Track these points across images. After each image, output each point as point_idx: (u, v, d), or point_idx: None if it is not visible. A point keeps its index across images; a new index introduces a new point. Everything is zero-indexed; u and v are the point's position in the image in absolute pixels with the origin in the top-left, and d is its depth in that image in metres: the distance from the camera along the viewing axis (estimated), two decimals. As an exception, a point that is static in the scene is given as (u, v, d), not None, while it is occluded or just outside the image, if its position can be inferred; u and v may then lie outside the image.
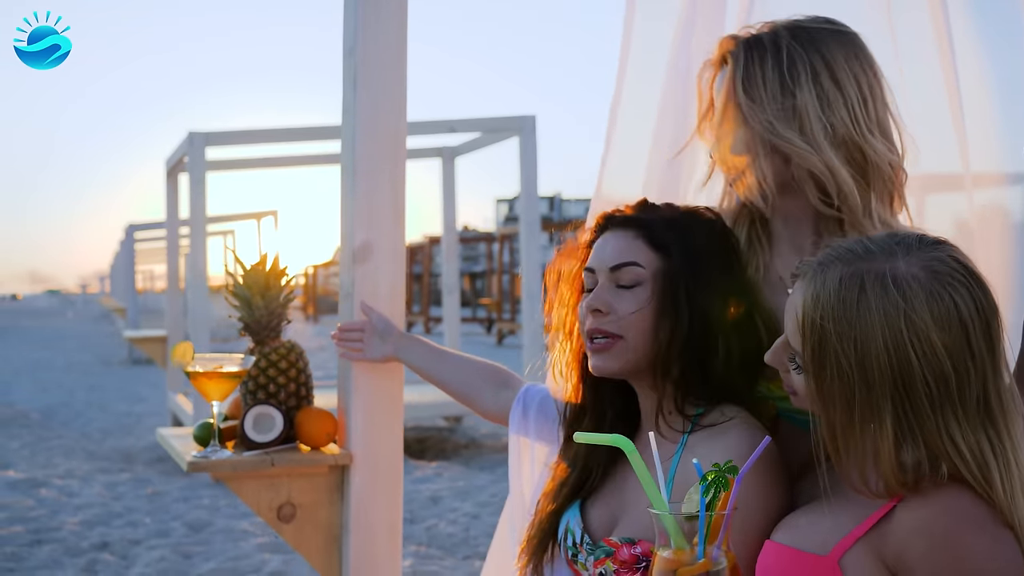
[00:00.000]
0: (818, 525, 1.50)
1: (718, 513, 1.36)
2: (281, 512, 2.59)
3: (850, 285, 1.40)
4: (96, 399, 13.12)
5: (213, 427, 2.53)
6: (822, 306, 1.42)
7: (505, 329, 23.72)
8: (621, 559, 1.75)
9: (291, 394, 2.60)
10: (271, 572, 5.33)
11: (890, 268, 1.40)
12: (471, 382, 2.39)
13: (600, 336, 1.81)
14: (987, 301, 1.41)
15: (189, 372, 2.49)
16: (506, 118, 8.32)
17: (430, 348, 2.46)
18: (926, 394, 1.37)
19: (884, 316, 1.37)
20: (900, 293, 1.38)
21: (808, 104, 1.78)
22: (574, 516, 1.90)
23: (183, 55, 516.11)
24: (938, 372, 1.37)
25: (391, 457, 2.61)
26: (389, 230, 2.58)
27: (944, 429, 1.37)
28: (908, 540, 1.38)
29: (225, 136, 8.02)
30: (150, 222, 18.77)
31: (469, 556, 5.73)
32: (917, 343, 1.36)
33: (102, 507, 6.82)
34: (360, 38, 2.54)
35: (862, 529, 1.43)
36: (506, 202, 55.16)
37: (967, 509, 1.37)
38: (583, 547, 1.84)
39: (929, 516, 1.38)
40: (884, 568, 1.40)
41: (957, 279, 1.40)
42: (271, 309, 2.61)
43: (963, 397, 1.38)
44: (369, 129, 2.56)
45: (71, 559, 5.65)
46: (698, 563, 1.35)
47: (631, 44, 2.45)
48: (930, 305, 1.37)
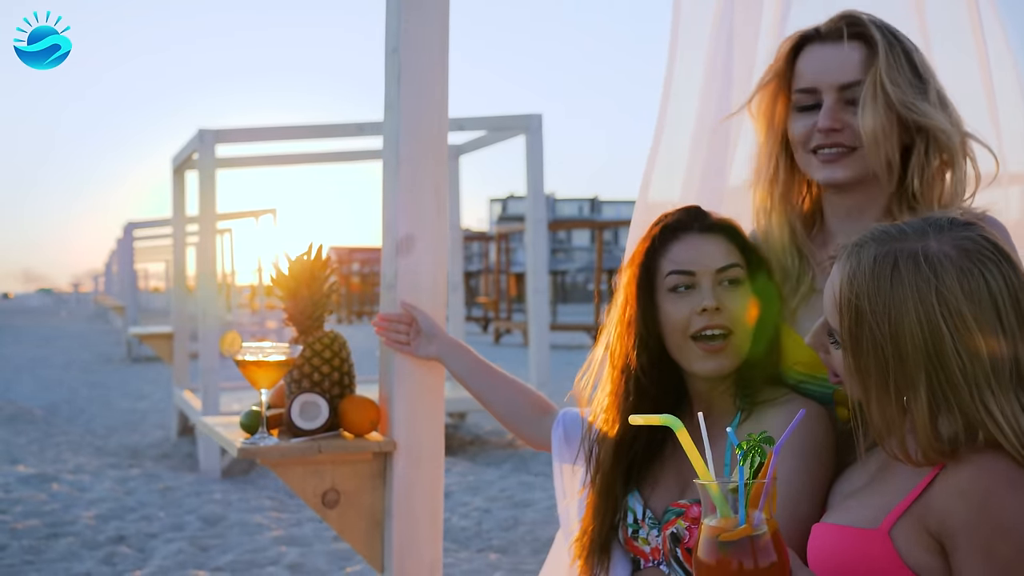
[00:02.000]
0: (867, 503, 1.56)
1: (758, 481, 1.40)
2: (326, 498, 2.65)
3: (884, 263, 1.47)
4: (98, 396, 13.17)
5: (261, 415, 2.59)
6: (857, 284, 1.48)
7: (502, 328, 23.78)
8: (692, 516, 1.84)
9: (335, 383, 2.66)
10: (289, 564, 5.39)
11: (922, 247, 1.47)
12: (516, 407, 2.46)
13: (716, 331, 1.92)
14: (1017, 278, 1.46)
15: (239, 361, 2.55)
16: (513, 116, 8.38)
17: (475, 359, 2.52)
18: (959, 366, 1.43)
19: (916, 292, 1.44)
20: (932, 270, 1.44)
21: (938, 87, 1.96)
22: (634, 496, 1.99)
23: (182, 54, 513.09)
24: (970, 345, 1.43)
25: (433, 445, 2.67)
26: (431, 223, 2.65)
27: (979, 399, 1.43)
28: (949, 504, 1.44)
29: (235, 133, 8.07)
30: (150, 220, 18.82)
31: (483, 549, 5.80)
32: (948, 317, 1.42)
33: (115, 502, 6.87)
34: (403, 36, 2.60)
35: (908, 500, 1.48)
36: (499, 201, 55.13)
37: (1004, 470, 1.42)
38: (645, 522, 1.92)
39: (967, 479, 1.44)
40: (930, 537, 1.46)
41: (987, 256, 1.46)
42: (315, 300, 2.67)
43: (996, 368, 1.43)
44: (412, 124, 2.63)
45: (89, 552, 5.70)
46: (739, 528, 1.38)
47: (677, 51, 2.54)
48: (960, 281, 1.43)
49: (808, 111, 1.97)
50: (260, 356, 2.54)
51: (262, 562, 5.45)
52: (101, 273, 42.27)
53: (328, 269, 2.69)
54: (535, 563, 5.33)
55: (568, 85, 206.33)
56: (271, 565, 5.41)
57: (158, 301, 32.41)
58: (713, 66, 2.51)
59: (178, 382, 9.74)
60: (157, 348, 10.45)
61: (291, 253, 2.67)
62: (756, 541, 1.38)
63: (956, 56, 2.38)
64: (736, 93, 2.46)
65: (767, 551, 1.38)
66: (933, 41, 2.38)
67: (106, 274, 35.94)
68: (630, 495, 2.00)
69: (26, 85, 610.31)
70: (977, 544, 1.40)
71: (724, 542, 1.38)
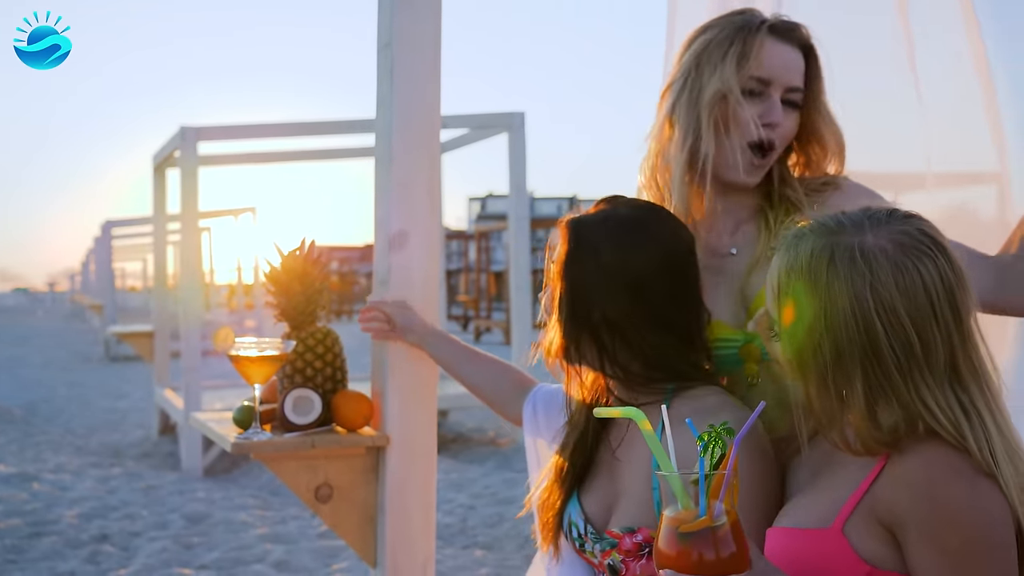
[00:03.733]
0: (817, 500, 1.56)
1: (718, 472, 1.40)
2: (319, 493, 2.65)
3: (820, 257, 1.48)
4: (77, 395, 13.11)
5: (254, 410, 2.59)
6: (794, 277, 1.50)
7: (482, 327, 23.80)
8: (625, 548, 1.85)
9: (328, 378, 2.66)
10: (275, 561, 5.39)
11: (859, 241, 1.47)
12: (499, 388, 2.45)
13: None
14: (953, 271, 1.47)
15: (232, 356, 2.55)
16: (495, 114, 8.40)
17: (456, 344, 2.53)
18: (893, 361, 1.44)
19: (851, 286, 1.45)
20: (867, 265, 1.45)
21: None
22: (574, 508, 1.98)
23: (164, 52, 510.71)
24: (903, 340, 1.44)
25: (426, 439, 2.68)
26: (424, 219, 2.65)
27: (915, 391, 1.45)
28: (895, 494, 1.45)
29: (217, 131, 8.05)
30: (129, 218, 18.72)
31: (468, 546, 5.81)
32: (883, 312, 1.44)
33: (97, 500, 6.84)
34: (396, 31, 2.61)
35: (857, 495, 1.49)
36: (478, 200, 55.12)
37: (947, 460, 1.43)
38: (588, 537, 1.93)
39: (910, 468, 1.44)
40: (882, 528, 1.46)
41: (923, 251, 1.46)
42: (308, 295, 2.67)
43: (930, 362, 1.44)
44: (405, 120, 2.63)
45: (72, 551, 5.68)
46: (700, 519, 1.38)
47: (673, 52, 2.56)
48: (895, 276, 1.44)
49: (754, 98, 1.99)
50: (254, 351, 2.54)
51: (248, 560, 5.45)
52: (78, 272, 42.03)
53: (320, 265, 2.70)
54: (521, 559, 5.35)
55: (546, 85, 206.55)
56: (257, 563, 5.40)
57: (135, 300, 32.24)
58: None
59: (159, 381, 9.71)
60: (137, 347, 10.42)
61: (283, 248, 2.67)
62: (716, 532, 1.38)
63: (941, 55, 2.40)
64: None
65: (727, 542, 1.38)
66: (916, 37, 2.41)
67: (83, 273, 35.72)
68: (571, 505, 1.99)
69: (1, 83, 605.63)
70: (926, 534, 1.41)
71: (684, 533, 1.38)
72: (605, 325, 1.87)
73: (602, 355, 1.89)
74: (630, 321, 1.86)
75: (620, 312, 1.86)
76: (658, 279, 1.87)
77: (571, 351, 1.93)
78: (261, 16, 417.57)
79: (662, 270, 1.87)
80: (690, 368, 1.90)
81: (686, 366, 1.90)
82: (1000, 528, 1.41)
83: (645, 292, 1.86)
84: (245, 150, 9.54)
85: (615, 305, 1.86)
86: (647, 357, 1.88)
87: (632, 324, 1.86)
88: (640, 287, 1.86)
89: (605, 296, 1.86)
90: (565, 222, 1.95)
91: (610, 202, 1.96)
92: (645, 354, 1.87)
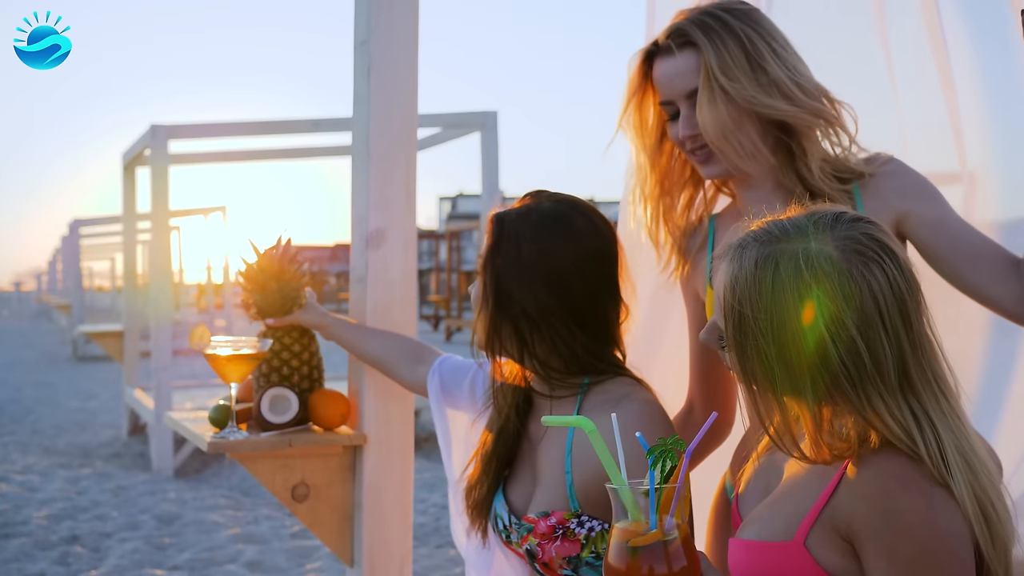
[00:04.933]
0: (778, 512, 1.54)
1: (668, 486, 1.39)
2: (296, 492, 2.64)
3: (764, 267, 1.44)
4: (45, 396, 12.97)
5: (230, 409, 2.57)
6: (740, 289, 1.45)
7: (453, 326, 23.76)
8: (541, 532, 1.89)
9: (304, 376, 2.65)
10: (248, 562, 5.35)
11: (803, 249, 1.43)
12: (390, 356, 2.50)
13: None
14: (902, 277, 1.43)
15: (208, 355, 2.53)
16: (468, 113, 8.35)
17: (355, 324, 2.61)
18: (843, 372, 1.41)
19: (798, 297, 1.41)
20: (812, 274, 1.41)
21: (779, 73, 1.98)
22: (499, 501, 2.03)
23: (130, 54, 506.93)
24: (852, 350, 1.40)
25: (403, 438, 2.68)
26: (402, 216, 2.65)
27: (866, 401, 1.42)
28: (852, 507, 1.43)
29: (188, 129, 7.98)
30: (97, 217, 18.56)
31: (442, 545, 5.79)
32: (830, 325, 1.40)
33: (67, 501, 6.78)
34: (374, 28, 2.60)
35: (818, 507, 1.47)
36: (449, 200, 55.02)
37: (900, 470, 1.41)
38: (513, 528, 1.97)
39: (867, 480, 1.42)
40: (841, 540, 1.44)
41: (870, 256, 1.42)
42: (284, 293, 2.65)
43: (881, 371, 1.41)
44: (382, 117, 2.62)
45: (42, 552, 5.62)
46: (651, 532, 1.37)
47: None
48: (841, 285, 1.40)
49: (674, 120, 2.08)
50: (230, 350, 2.52)
51: (220, 560, 5.41)
52: (44, 272, 41.62)
53: (297, 263, 2.68)
54: (495, 558, 5.34)
55: (515, 84, 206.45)
56: (230, 563, 5.37)
57: (103, 300, 31.97)
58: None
59: (129, 381, 9.63)
60: (107, 347, 10.31)
61: (259, 246, 2.65)
62: (668, 546, 1.37)
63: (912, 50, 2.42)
64: None
65: (678, 556, 1.37)
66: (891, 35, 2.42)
67: (50, 273, 35.37)
68: (496, 498, 2.03)
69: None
70: (881, 546, 1.39)
71: (635, 547, 1.37)
72: (524, 318, 1.93)
73: (522, 348, 1.96)
74: (547, 314, 1.92)
75: (537, 305, 1.92)
76: (575, 272, 1.92)
77: (494, 343, 1.98)
78: (232, 15, 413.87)
79: (579, 263, 1.93)
80: (603, 363, 1.97)
81: (599, 361, 1.96)
82: (954, 539, 1.39)
83: (562, 285, 1.92)
84: (216, 148, 9.48)
85: (533, 297, 1.92)
86: (562, 352, 1.94)
87: (548, 318, 1.92)
88: (557, 280, 1.92)
89: (525, 289, 1.92)
90: (491, 216, 2.00)
91: (534, 196, 2.01)
92: (559, 350, 1.94)
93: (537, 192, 2.03)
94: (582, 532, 1.86)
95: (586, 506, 1.86)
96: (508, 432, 2.05)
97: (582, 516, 1.86)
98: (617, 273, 1.99)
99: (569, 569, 1.87)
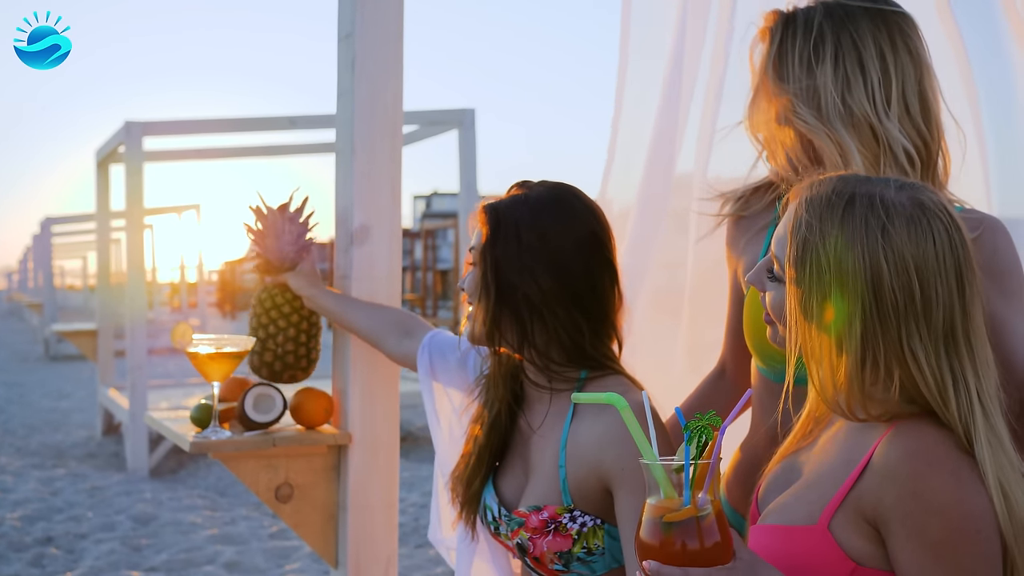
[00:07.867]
0: (803, 501, 1.55)
1: (703, 461, 1.40)
2: (279, 492, 2.60)
3: (840, 195, 1.50)
4: (16, 396, 12.83)
5: (212, 408, 2.53)
6: (811, 209, 1.51)
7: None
8: (532, 526, 1.87)
9: (289, 338, 2.58)
10: (226, 563, 5.30)
11: (880, 192, 1.50)
12: (379, 328, 2.47)
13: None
14: (963, 246, 1.49)
15: (190, 353, 2.48)
16: (446, 111, 8.33)
17: (342, 296, 2.57)
18: (892, 302, 1.45)
19: (865, 225, 1.46)
20: (884, 210, 1.47)
21: (827, 83, 1.84)
22: (489, 493, 2.02)
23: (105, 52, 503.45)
24: (906, 285, 1.45)
25: (388, 437, 2.64)
26: (387, 212, 2.61)
27: (907, 340, 1.45)
28: (879, 491, 1.44)
29: (163, 126, 7.91)
30: (68, 215, 18.40)
31: (421, 545, 5.76)
32: (891, 254, 1.45)
33: (41, 502, 6.70)
34: (358, 22, 2.56)
35: (843, 491, 1.48)
36: (423, 198, 54.88)
37: (925, 449, 1.43)
38: (503, 520, 1.95)
39: (893, 463, 1.44)
40: (867, 524, 1.46)
41: (939, 216, 1.48)
42: (281, 253, 2.56)
43: (928, 316, 1.45)
44: (367, 112, 2.59)
45: (16, 553, 5.55)
46: (684, 508, 1.38)
47: (628, 59, 2.54)
48: (908, 227, 1.46)
49: None
50: (213, 348, 2.48)
51: (198, 561, 5.36)
52: (15, 271, 41.27)
53: (305, 223, 2.58)
54: (475, 558, 5.31)
55: (490, 83, 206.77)
56: (208, 564, 5.31)
57: (75, 299, 31.71)
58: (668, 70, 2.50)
59: (103, 380, 9.53)
60: (80, 346, 10.20)
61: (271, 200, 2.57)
62: (701, 522, 1.38)
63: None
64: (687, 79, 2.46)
65: (711, 531, 1.38)
66: None
67: (21, 271, 35.06)
68: (486, 490, 2.02)
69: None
70: (910, 527, 1.41)
71: (669, 522, 1.38)
72: (526, 304, 1.91)
73: (522, 338, 1.94)
74: (549, 299, 1.90)
75: (539, 290, 1.90)
76: (575, 254, 1.91)
77: (493, 333, 1.96)
78: (207, 12, 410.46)
79: (580, 244, 1.92)
80: (602, 357, 1.96)
81: (598, 355, 1.95)
82: (980, 518, 1.41)
83: (563, 268, 1.91)
84: (191, 146, 9.40)
85: (535, 282, 1.90)
86: (562, 341, 1.92)
87: (550, 303, 1.91)
88: (558, 263, 1.90)
89: (526, 274, 1.91)
90: (482, 207, 1.99)
91: (523, 186, 2.01)
92: (560, 338, 1.92)
93: (523, 182, 2.02)
94: (574, 527, 1.84)
95: (579, 501, 1.85)
96: (501, 424, 2.04)
97: (575, 511, 1.85)
98: (612, 257, 1.98)
99: (560, 564, 1.86)
